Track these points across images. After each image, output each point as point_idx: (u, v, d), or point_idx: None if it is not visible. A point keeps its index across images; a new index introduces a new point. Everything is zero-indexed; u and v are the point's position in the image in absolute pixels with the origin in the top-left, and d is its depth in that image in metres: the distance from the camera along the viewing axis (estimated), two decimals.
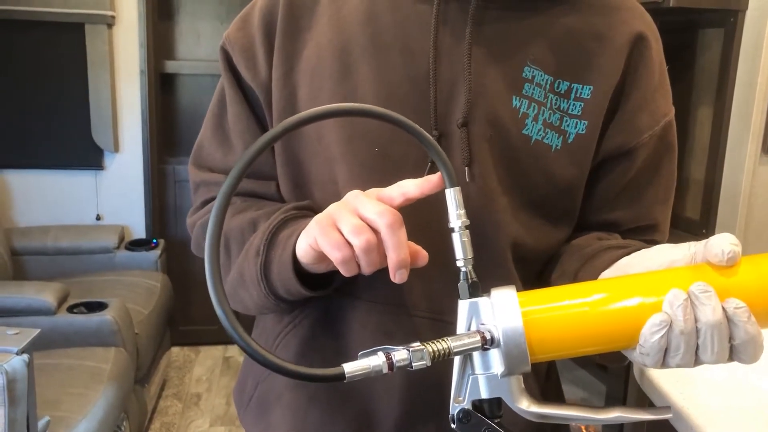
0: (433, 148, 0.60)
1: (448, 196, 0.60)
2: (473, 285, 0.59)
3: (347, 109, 0.60)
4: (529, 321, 0.56)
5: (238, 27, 0.81)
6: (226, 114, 0.83)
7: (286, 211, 0.73)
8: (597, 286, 0.60)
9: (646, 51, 0.77)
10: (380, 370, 0.54)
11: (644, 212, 0.81)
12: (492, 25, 0.74)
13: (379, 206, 0.61)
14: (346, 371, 0.53)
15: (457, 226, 0.60)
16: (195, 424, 2.83)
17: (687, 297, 0.55)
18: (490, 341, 0.57)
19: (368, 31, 0.75)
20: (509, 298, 0.57)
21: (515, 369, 0.57)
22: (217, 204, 0.54)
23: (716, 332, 0.55)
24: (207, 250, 0.54)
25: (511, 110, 0.73)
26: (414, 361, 0.54)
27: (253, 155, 0.55)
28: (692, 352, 0.56)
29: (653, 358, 0.57)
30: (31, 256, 3.01)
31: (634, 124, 0.77)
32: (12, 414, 1.34)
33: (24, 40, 3.11)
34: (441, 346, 0.56)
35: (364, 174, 0.73)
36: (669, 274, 0.58)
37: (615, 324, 0.57)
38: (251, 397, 0.86)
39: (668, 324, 0.55)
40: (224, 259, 0.78)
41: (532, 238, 0.76)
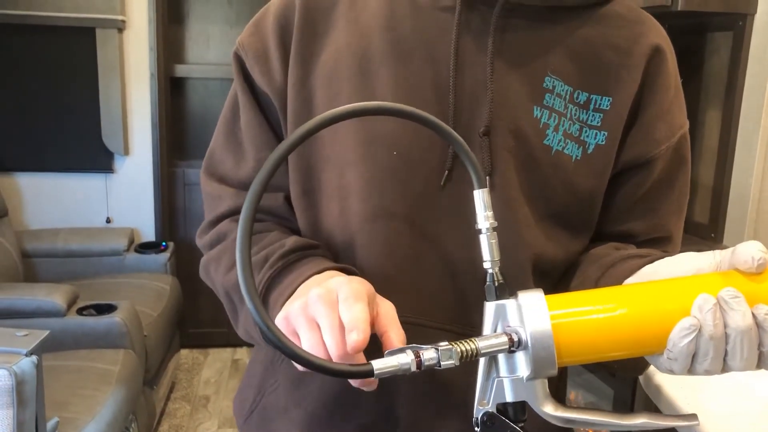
0: (461, 147, 0.60)
1: (476, 198, 0.60)
2: (500, 287, 0.59)
3: (373, 108, 0.59)
4: (558, 324, 0.56)
5: (252, 32, 0.80)
6: (238, 121, 0.82)
7: (273, 265, 0.70)
8: (625, 291, 0.60)
9: (663, 64, 0.77)
10: (408, 369, 0.53)
11: (659, 224, 0.81)
12: (513, 34, 0.74)
13: (332, 331, 0.56)
14: (375, 368, 0.53)
15: (484, 227, 0.60)
16: (203, 426, 2.84)
17: (716, 302, 0.55)
18: (518, 343, 0.56)
19: (388, 37, 0.74)
20: (537, 301, 0.57)
21: (541, 372, 0.56)
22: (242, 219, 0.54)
23: (746, 338, 0.55)
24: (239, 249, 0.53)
25: (532, 120, 0.73)
26: (443, 360, 0.54)
27: (285, 151, 0.55)
28: (721, 358, 0.56)
29: (681, 364, 0.57)
30: (41, 259, 3.03)
31: (651, 135, 0.77)
32: (21, 415, 1.35)
33: (35, 45, 3.14)
34: (469, 347, 0.55)
35: (381, 178, 0.73)
36: (697, 280, 0.58)
37: (643, 328, 0.57)
38: (254, 409, 0.85)
39: (697, 328, 0.55)
40: (230, 309, 0.78)
41: (553, 249, 0.76)
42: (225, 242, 0.80)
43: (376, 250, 0.73)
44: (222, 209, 0.82)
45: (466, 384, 0.71)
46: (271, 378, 0.84)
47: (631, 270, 0.68)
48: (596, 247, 0.79)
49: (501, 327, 0.58)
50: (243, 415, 0.87)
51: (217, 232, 0.81)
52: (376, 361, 0.53)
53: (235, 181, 0.82)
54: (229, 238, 0.80)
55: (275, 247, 0.73)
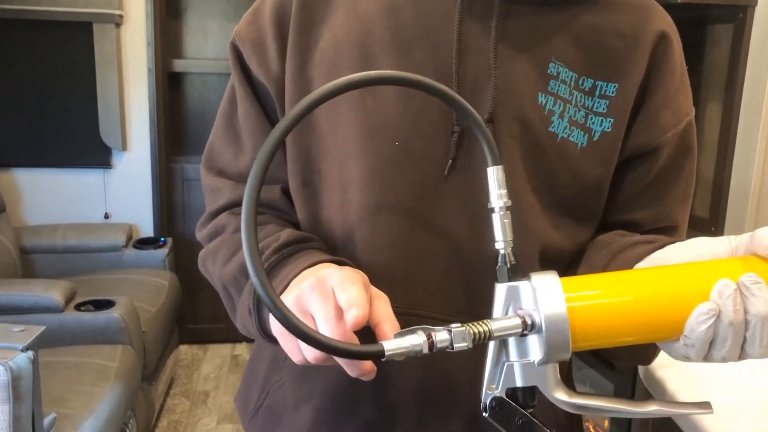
0: (475, 121, 0.58)
1: (489, 175, 0.59)
2: (512, 268, 0.57)
3: (392, 77, 0.57)
4: (573, 307, 0.54)
5: (249, 21, 0.79)
6: (236, 113, 0.81)
7: (267, 258, 0.70)
8: (642, 275, 0.58)
9: (669, 50, 0.76)
10: (420, 350, 0.52)
11: (665, 212, 0.80)
12: (517, 19, 0.72)
13: (330, 323, 0.56)
14: (386, 348, 0.51)
15: (498, 206, 0.58)
16: (202, 422, 2.84)
17: (737, 287, 0.54)
18: (530, 326, 0.55)
19: (389, 24, 0.73)
20: (552, 283, 0.55)
21: (554, 356, 0.55)
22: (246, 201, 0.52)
23: (767, 324, 0.54)
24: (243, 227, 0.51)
25: (537, 107, 0.72)
26: (455, 342, 0.52)
27: (287, 127, 0.53)
28: (739, 344, 0.55)
29: (698, 350, 0.55)
30: (39, 255, 3.02)
31: (658, 122, 0.76)
32: (17, 411, 1.34)
33: (32, 40, 3.12)
34: (482, 329, 0.54)
35: (383, 169, 0.72)
36: (715, 265, 0.57)
37: (660, 313, 0.56)
38: (259, 407, 0.85)
39: (716, 314, 0.54)
40: (228, 303, 0.77)
41: (559, 238, 0.75)
42: (223, 235, 0.79)
43: (378, 242, 0.72)
44: (221, 202, 0.81)
45: (471, 380, 0.71)
46: (275, 375, 0.83)
47: (640, 256, 0.67)
48: (602, 235, 0.78)
49: (513, 310, 0.56)
50: (248, 414, 0.86)
51: (216, 224, 0.81)
52: (387, 341, 0.52)
53: (234, 173, 0.82)
54: (227, 231, 0.79)
55: (270, 240, 0.72)
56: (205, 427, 2.80)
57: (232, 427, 2.79)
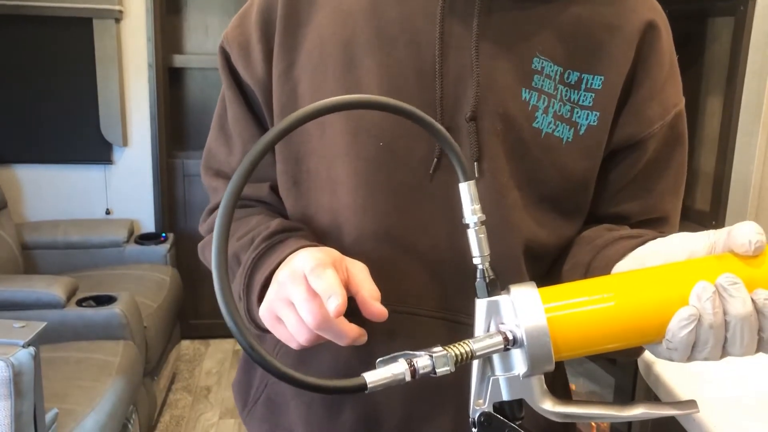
0: (444, 138, 0.58)
1: (462, 191, 0.58)
2: (491, 283, 0.57)
3: (356, 101, 0.57)
4: (553, 318, 0.55)
5: (236, 25, 0.80)
6: (227, 114, 0.83)
7: (257, 246, 0.71)
8: (621, 280, 0.58)
9: (657, 40, 0.75)
10: (402, 379, 0.52)
11: (654, 204, 0.79)
12: (500, 16, 0.72)
13: (303, 304, 0.59)
14: (368, 381, 0.51)
15: (472, 222, 0.58)
16: (205, 417, 2.85)
17: (715, 289, 0.54)
18: (513, 342, 0.55)
19: (373, 23, 0.73)
20: (531, 296, 0.55)
21: (538, 368, 0.55)
22: (220, 214, 0.53)
23: (746, 325, 0.54)
24: (214, 270, 0.52)
25: (520, 103, 0.72)
26: (438, 367, 0.52)
27: (262, 149, 0.53)
28: (720, 345, 0.55)
29: (681, 353, 0.56)
30: (41, 251, 3.03)
31: (644, 114, 0.75)
32: (18, 406, 1.35)
33: (32, 36, 3.12)
34: (463, 350, 0.54)
35: (369, 170, 0.72)
36: (693, 265, 0.57)
37: (641, 319, 0.56)
38: (258, 398, 0.85)
39: (697, 318, 0.54)
40: None
41: (545, 234, 0.75)
42: None
43: (366, 241, 0.73)
44: (217, 200, 0.85)
45: (461, 370, 0.71)
46: None
47: (624, 251, 0.67)
48: (589, 229, 0.78)
49: (494, 324, 0.56)
50: (246, 405, 0.87)
51: (213, 219, 0.84)
52: (369, 373, 0.52)
53: (229, 173, 0.84)
54: None
55: (260, 229, 0.74)
56: (207, 421, 2.81)
57: (234, 421, 2.80)
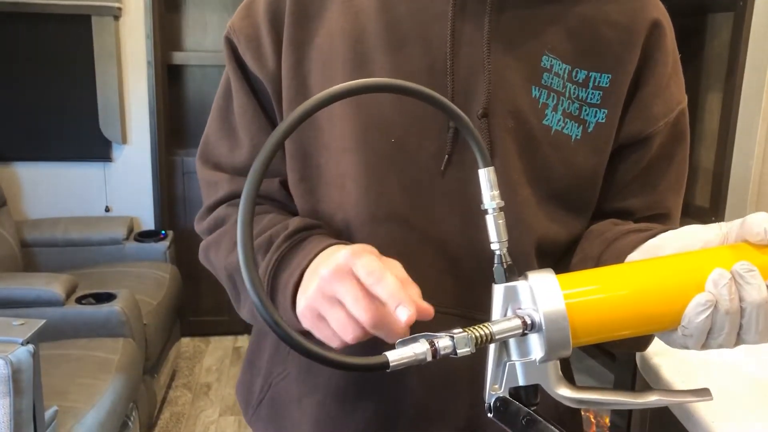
0: (465, 124, 0.59)
1: (481, 177, 0.59)
2: (509, 268, 0.58)
3: (377, 84, 0.58)
4: (571, 304, 0.55)
5: (243, 16, 0.79)
6: (231, 106, 0.81)
7: (279, 246, 0.71)
8: (637, 267, 0.59)
9: (662, 39, 0.76)
10: (424, 359, 0.52)
11: (658, 200, 0.80)
12: (509, 14, 0.72)
13: (357, 303, 0.58)
14: (390, 360, 0.51)
15: (491, 207, 0.59)
16: (205, 413, 2.85)
17: (731, 276, 0.55)
18: (531, 326, 0.55)
19: (383, 19, 0.73)
20: (549, 281, 0.56)
21: (555, 354, 0.56)
22: (243, 204, 0.54)
23: (762, 311, 0.55)
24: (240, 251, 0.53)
25: (530, 100, 0.72)
26: (459, 348, 0.53)
27: (280, 137, 0.54)
28: (735, 332, 0.56)
29: (696, 339, 0.56)
30: (41, 248, 3.03)
31: (649, 111, 0.76)
32: (18, 404, 1.35)
33: (31, 33, 3.12)
34: (483, 332, 0.54)
35: (381, 166, 0.72)
36: (708, 254, 0.58)
37: (657, 305, 0.56)
38: (262, 399, 0.85)
39: (713, 304, 0.55)
40: (232, 292, 0.77)
41: (556, 230, 0.75)
42: (224, 226, 0.80)
43: (376, 237, 0.72)
44: (219, 195, 0.82)
45: (470, 372, 0.72)
46: (278, 366, 0.83)
47: (633, 244, 0.67)
48: (596, 224, 0.78)
49: (511, 310, 0.57)
50: (251, 406, 0.87)
51: (215, 217, 0.81)
52: (391, 352, 0.52)
53: (229, 168, 0.82)
54: (229, 222, 0.80)
55: (279, 228, 0.73)
56: (207, 418, 2.82)
57: (234, 419, 2.80)
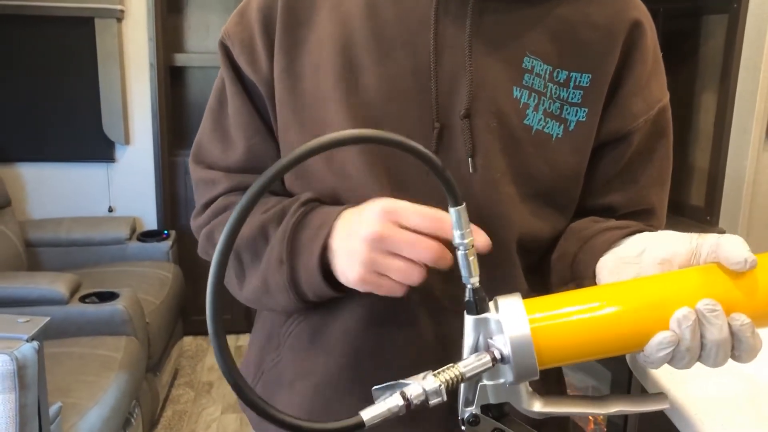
0: (435, 166, 0.57)
1: (452, 216, 0.58)
2: (480, 301, 0.59)
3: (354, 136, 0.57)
4: (537, 331, 0.57)
5: (236, 21, 0.81)
6: (224, 109, 0.83)
7: (295, 211, 0.73)
8: (604, 293, 0.60)
9: (641, 38, 0.78)
10: (398, 412, 0.54)
11: (640, 196, 0.82)
12: (491, 16, 0.74)
13: (417, 246, 0.63)
14: (365, 419, 0.54)
15: (462, 245, 0.59)
16: (207, 411, 2.87)
17: (695, 318, 0.56)
18: (500, 359, 0.57)
19: (370, 25, 0.75)
20: (516, 311, 0.58)
21: (524, 379, 0.58)
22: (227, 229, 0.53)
23: (721, 348, 0.57)
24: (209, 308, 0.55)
25: (512, 101, 0.74)
26: (430, 400, 0.55)
27: (263, 184, 0.53)
28: (695, 360, 0.58)
29: (656, 365, 0.59)
30: (44, 248, 3.06)
31: (629, 109, 0.78)
32: (23, 399, 1.37)
33: (35, 35, 3.15)
34: (453, 374, 0.56)
35: (369, 166, 0.74)
36: (676, 281, 0.59)
37: (623, 334, 0.58)
38: (256, 384, 0.87)
39: (675, 343, 0.57)
40: (237, 270, 0.78)
41: (538, 227, 0.77)
42: (229, 210, 0.81)
43: None
44: (218, 190, 0.83)
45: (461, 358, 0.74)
46: (268, 356, 0.85)
47: (609, 242, 0.69)
48: (575, 222, 0.80)
49: (483, 338, 0.59)
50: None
51: (217, 206, 0.82)
52: (365, 411, 0.54)
53: (223, 168, 0.83)
54: (233, 207, 0.81)
55: (291, 200, 0.75)
56: (209, 416, 2.84)
57: (236, 416, 2.82)
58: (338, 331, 0.78)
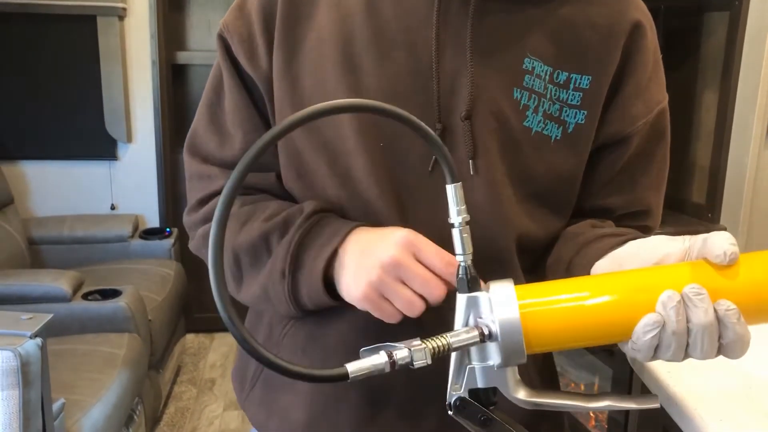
0: (434, 142, 0.59)
1: (449, 192, 0.60)
2: (472, 279, 0.60)
3: (351, 105, 0.59)
4: (526, 314, 0.58)
5: (236, 15, 0.80)
6: (221, 102, 0.83)
7: (300, 225, 0.73)
8: (594, 282, 0.61)
9: (642, 40, 0.78)
10: (383, 369, 0.55)
11: (637, 198, 0.82)
12: (492, 17, 0.74)
13: (428, 284, 0.65)
14: (349, 371, 0.55)
15: (457, 222, 0.60)
16: (209, 408, 2.88)
17: (680, 299, 0.57)
18: (488, 336, 0.58)
19: (370, 24, 0.75)
20: (507, 292, 0.58)
21: (511, 361, 0.59)
22: (218, 211, 0.55)
23: (707, 333, 0.57)
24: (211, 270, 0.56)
25: (512, 102, 0.74)
26: (415, 360, 0.56)
27: (253, 156, 0.55)
28: (683, 349, 0.58)
29: (644, 354, 0.59)
30: (47, 245, 3.07)
31: (629, 111, 0.78)
32: (26, 395, 1.38)
33: (37, 34, 3.15)
34: (440, 342, 0.57)
35: (372, 167, 0.74)
36: (664, 272, 0.59)
37: (610, 320, 0.59)
38: (255, 383, 0.87)
39: (661, 324, 0.57)
40: (235, 273, 0.78)
41: (537, 228, 0.78)
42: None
43: None
44: (214, 187, 0.83)
45: None
46: (271, 350, 0.85)
47: (604, 250, 0.70)
48: (573, 225, 0.80)
49: (473, 317, 0.60)
50: (244, 391, 0.89)
51: (212, 207, 0.82)
52: (350, 364, 0.55)
53: (218, 162, 0.83)
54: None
55: (294, 211, 0.75)
56: (211, 413, 2.85)
57: (238, 413, 2.83)
58: (334, 329, 0.79)
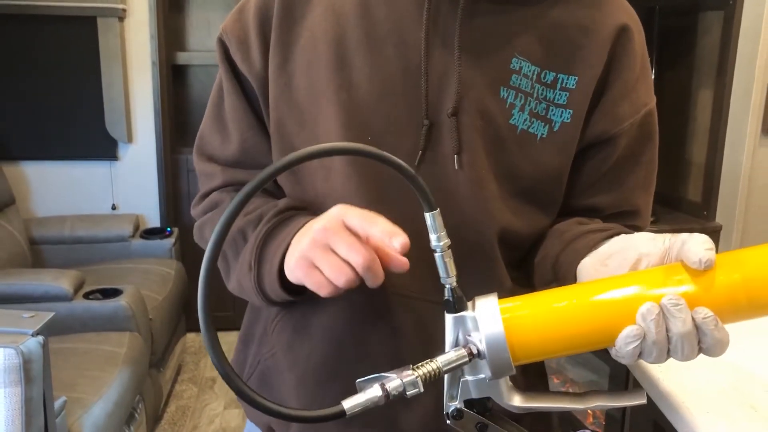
0: (408, 174, 0.59)
1: (427, 220, 0.60)
2: (458, 300, 0.62)
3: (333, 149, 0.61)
4: (511, 330, 0.60)
5: (235, 19, 0.83)
6: (223, 103, 0.86)
7: (269, 220, 0.76)
8: (576, 292, 0.63)
9: (629, 42, 0.79)
10: (378, 402, 0.57)
11: (625, 198, 0.84)
12: (482, 17, 0.76)
13: (351, 247, 0.64)
14: (346, 408, 0.56)
15: (438, 248, 0.60)
16: (210, 407, 2.90)
17: (659, 311, 0.58)
18: (477, 354, 0.60)
19: (363, 23, 0.77)
20: (491, 310, 0.60)
21: (501, 374, 0.61)
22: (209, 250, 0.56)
23: (686, 340, 0.59)
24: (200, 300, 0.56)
25: (498, 101, 0.76)
26: (408, 391, 0.58)
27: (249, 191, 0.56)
28: (664, 355, 0.60)
29: (628, 359, 0.61)
30: (49, 245, 3.08)
31: (615, 112, 0.79)
32: (28, 392, 1.40)
33: (37, 35, 3.17)
34: (431, 368, 0.59)
35: (360, 162, 0.76)
36: (643, 279, 0.61)
37: (592, 330, 0.60)
38: (252, 373, 0.90)
39: (641, 336, 0.59)
40: (223, 266, 0.83)
41: (521, 224, 0.79)
42: (219, 207, 0.86)
43: None
44: (214, 184, 0.87)
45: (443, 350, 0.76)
46: (264, 347, 0.88)
47: (589, 246, 0.71)
48: (561, 223, 0.82)
49: (462, 334, 0.62)
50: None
51: (210, 200, 0.87)
52: (346, 400, 0.57)
53: (221, 160, 0.87)
54: (223, 204, 0.86)
55: (269, 206, 0.79)
56: (212, 411, 2.87)
57: (239, 412, 2.85)
58: (320, 324, 0.81)
